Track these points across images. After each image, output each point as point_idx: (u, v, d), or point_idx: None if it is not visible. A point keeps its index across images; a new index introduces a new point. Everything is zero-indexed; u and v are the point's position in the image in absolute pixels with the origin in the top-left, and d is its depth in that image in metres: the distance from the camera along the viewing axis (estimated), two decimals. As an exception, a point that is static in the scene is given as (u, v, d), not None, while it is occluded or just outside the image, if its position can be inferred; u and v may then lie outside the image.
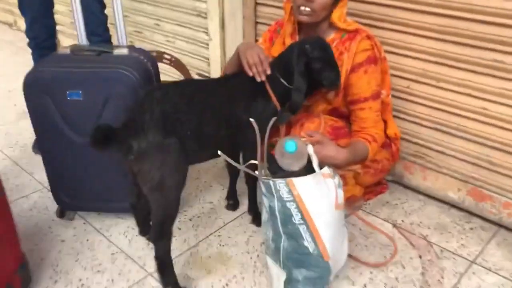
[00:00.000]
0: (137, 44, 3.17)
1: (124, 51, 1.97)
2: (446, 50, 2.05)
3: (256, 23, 2.80)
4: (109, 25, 2.71)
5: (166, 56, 2.51)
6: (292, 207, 1.62)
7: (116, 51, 1.96)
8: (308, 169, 1.66)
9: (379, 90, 1.97)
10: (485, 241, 2.08)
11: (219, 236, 2.12)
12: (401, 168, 2.42)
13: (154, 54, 2.53)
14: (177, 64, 2.52)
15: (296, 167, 1.58)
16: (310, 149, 1.67)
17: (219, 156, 1.93)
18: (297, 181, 1.61)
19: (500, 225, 2.15)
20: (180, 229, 2.16)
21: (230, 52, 3.00)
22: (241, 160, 1.97)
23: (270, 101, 1.87)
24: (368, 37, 1.93)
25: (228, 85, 1.86)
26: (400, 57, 2.21)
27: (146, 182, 1.66)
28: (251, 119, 1.55)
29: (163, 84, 1.75)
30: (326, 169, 1.68)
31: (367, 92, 1.93)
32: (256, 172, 1.66)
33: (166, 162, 1.64)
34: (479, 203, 2.18)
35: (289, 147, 1.51)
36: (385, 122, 2.12)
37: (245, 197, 2.21)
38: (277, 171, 1.66)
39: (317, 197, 1.62)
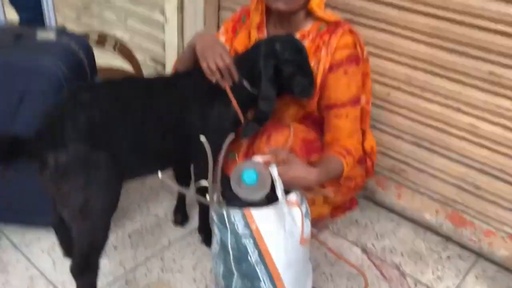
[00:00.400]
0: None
1: (51, 35, 1.59)
2: (436, 57, 1.78)
3: (219, 7, 2.45)
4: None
5: (110, 40, 2.12)
6: (248, 243, 1.33)
7: (40, 35, 1.58)
8: (270, 196, 1.36)
9: (359, 95, 1.68)
10: (463, 273, 1.86)
11: (161, 259, 1.80)
12: (374, 183, 2.16)
13: (95, 37, 2.14)
14: (123, 50, 2.14)
15: (255, 197, 1.28)
16: (274, 171, 1.37)
17: (166, 168, 1.62)
18: (256, 213, 1.31)
19: (479, 255, 1.93)
20: (115, 248, 1.83)
21: (189, 38, 2.65)
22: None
23: (230, 107, 1.55)
24: (351, 32, 1.64)
25: (179, 86, 1.53)
26: (382, 60, 1.93)
27: (66, 206, 1.32)
28: (202, 138, 1.23)
29: (94, 83, 1.39)
30: (292, 196, 1.40)
31: (345, 97, 1.64)
32: (208, 196, 1.35)
33: (92, 181, 1.31)
34: (458, 229, 1.95)
35: (248, 178, 1.21)
36: (362, 132, 1.84)
37: (196, 211, 1.89)
38: (232, 197, 1.35)
39: (280, 232, 1.34)
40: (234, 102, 1.54)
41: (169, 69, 2.78)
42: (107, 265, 1.73)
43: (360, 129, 1.81)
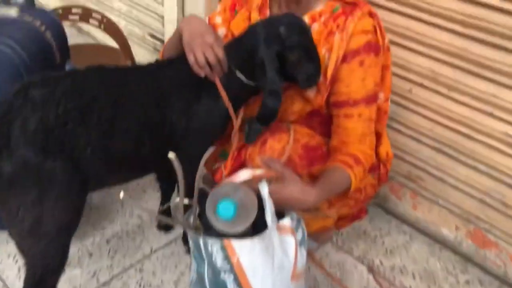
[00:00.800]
0: None
1: (12, 11, 1.34)
2: (468, 50, 1.50)
3: (222, -21, 2.16)
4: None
5: (95, 15, 1.87)
6: (228, 279, 1.11)
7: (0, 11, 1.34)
8: (259, 217, 1.13)
9: (376, 91, 1.41)
10: (483, 301, 1.62)
11: (140, 270, 1.59)
12: (387, 189, 1.91)
13: (79, 11, 1.88)
14: (109, 27, 1.88)
15: (235, 231, 1.05)
16: (265, 189, 1.13)
17: (143, 175, 1.39)
18: (238, 243, 1.09)
19: (504, 281, 1.69)
20: (91, 255, 1.63)
21: (189, 12, 2.38)
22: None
23: (220, 101, 1.31)
24: (371, 14, 1.36)
25: (158, 77, 1.28)
26: (404, 50, 1.65)
27: (13, 225, 1.10)
28: (171, 156, 0.99)
29: (50, 75, 1.15)
30: (286, 221, 1.16)
31: (359, 93, 1.37)
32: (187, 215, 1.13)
33: (45, 196, 1.09)
34: (480, 249, 1.71)
35: (224, 211, 0.97)
36: (378, 135, 1.58)
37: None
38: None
39: (267, 266, 1.11)
40: (224, 97, 1.29)
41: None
42: (78, 277, 1.53)
43: (375, 132, 1.55)
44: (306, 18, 1.39)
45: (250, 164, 1.41)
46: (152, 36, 2.68)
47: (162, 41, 2.62)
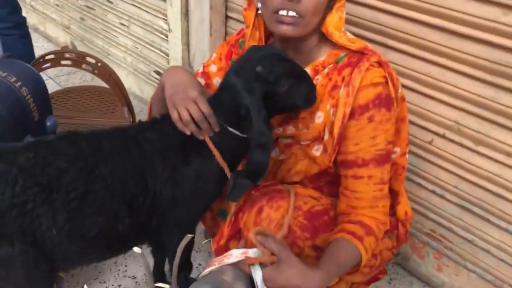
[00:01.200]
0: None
1: (-15, 66, 1.22)
2: (498, 101, 1.32)
3: (227, 17, 2.03)
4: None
5: (89, 59, 1.75)
6: None
7: (-28, 66, 1.22)
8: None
9: (389, 150, 1.22)
10: None
11: None
12: (407, 247, 1.71)
13: (72, 56, 1.77)
14: (103, 72, 1.76)
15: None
16: (258, 275, 0.97)
17: (124, 252, 1.24)
18: None
19: None
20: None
21: (194, 50, 2.26)
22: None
23: (212, 160, 1.15)
24: (380, 63, 1.18)
25: (140, 141, 1.13)
26: (424, 98, 1.48)
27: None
28: (136, 250, 0.84)
29: (10, 147, 1.01)
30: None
31: (369, 152, 1.20)
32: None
33: (4, 284, 0.94)
34: (516, 322, 1.49)
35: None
36: (395, 193, 1.40)
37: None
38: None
39: None
40: (218, 156, 1.14)
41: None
42: None
43: (392, 189, 1.37)
44: (308, 70, 1.23)
45: (245, 234, 1.24)
46: (158, 73, 2.56)
47: (167, 78, 2.50)
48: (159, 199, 1.12)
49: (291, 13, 1.12)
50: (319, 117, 1.23)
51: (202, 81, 1.40)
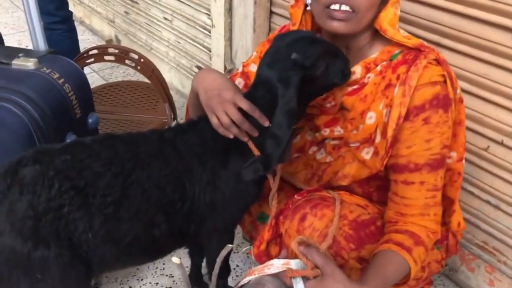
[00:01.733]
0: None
1: (30, 64, 1.22)
2: None
3: (271, 12, 1.98)
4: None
5: (132, 55, 1.74)
6: None
7: (17, 63, 1.22)
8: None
9: (444, 154, 1.14)
10: None
11: None
12: (457, 258, 1.62)
13: (115, 51, 1.76)
14: (146, 69, 1.75)
15: None
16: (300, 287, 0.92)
17: (161, 257, 1.22)
18: None
19: None
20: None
21: (237, 46, 2.22)
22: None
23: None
24: (439, 61, 1.10)
25: (177, 145, 1.10)
26: (480, 101, 1.38)
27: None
28: (175, 261, 0.81)
29: (48, 148, 1.00)
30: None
31: (422, 156, 1.12)
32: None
33: (40, 287, 0.93)
34: None
35: None
36: (449, 201, 1.31)
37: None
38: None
39: None
40: (254, 150, 1.10)
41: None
42: None
43: (447, 196, 1.29)
44: (359, 68, 1.17)
45: (286, 242, 1.20)
46: (199, 68, 2.54)
47: (209, 74, 2.47)
48: (198, 204, 1.09)
49: (344, 7, 1.06)
50: (371, 118, 1.16)
51: (241, 81, 1.36)
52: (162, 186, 1.04)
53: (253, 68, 1.34)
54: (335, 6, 1.06)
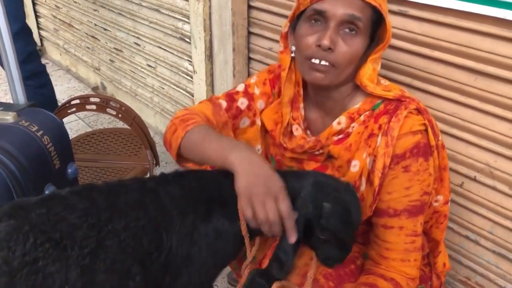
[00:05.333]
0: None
1: (8, 117, 1.24)
2: (531, 144, 1.24)
3: (249, 58, 2.04)
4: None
5: (113, 104, 1.77)
6: None
7: (-5, 117, 1.24)
8: None
9: (423, 201, 1.15)
10: None
11: None
12: (441, 295, 1.62)
13: (96, 100, 1.80)
14: (127, 117, 1.78)
15: None
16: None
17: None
18: None
19: None
20: None
21: (219, 90, 2.27)
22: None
23: (235, 223, 1.10)
24: (419, 110, 1.13)
25: (159, 194, 1.10)
26: (454, 140, 1.42)
27: None
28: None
29: (23, 202, 1.01)
30: None
31: (401, 202, 1.14)
32: None
33: None
34: None
35: None
36: (435, 243, 1.33)
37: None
38: None
39: None
40: (243, 224, 1.08)
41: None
42: None
43: (432, 238, 1.31)
44: (343, 118, 1.19)
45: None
46: (183, 113, 2.58)
47: (193, 118, 2.51)
48: (174, 256, 1.08)
49: (324, 62, 1.09)
50: (355, 166, 1.18)
51: (245, 101, 1.32)
52: (139, 236, 1.04)
53: (257, 91, 1.33)
54: (315, 60, 1.10)
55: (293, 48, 1.19)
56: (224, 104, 1.31)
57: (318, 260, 1.12)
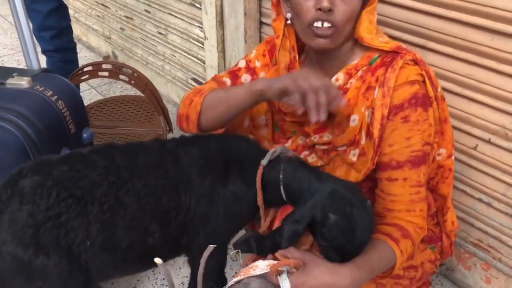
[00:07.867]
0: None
1: (23, 82, 1.25)
2: (547, 104, 1.23)
3: (261, 23, 2.02)
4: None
5: (125, 70, 1.77)
6: None
7: (12, 82, 1.25)
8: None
9: (426, 151, 1.16)
10: None
11: None
12: (453, 257, 1.63)
13: (109, 67, 1.80)
14: (140, 83, 1.78)
15: None
16: (286, 283, 0.95)
17: (153, 267, 1.23)
18: None
19: None
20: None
21: (230, 57, 2.26)
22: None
23: (252, 188, 1.13)
24: (415, 61, 1.13)
25: (178, 155, 1.12)
26: (468, 101, 1.40)
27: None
28: (157, 261, 0.85)
29: (46, 160, 1.03)
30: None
31: (403, 154, 1.15)
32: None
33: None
34: None
35: None
36: (442, 199, 1.33)
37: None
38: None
39: None
40: (259, 185, 1.11)
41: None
42: None
43: (439, 194, 1.31)
44: (341, 74, 1.20)
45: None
46: (195, 80, 2.58)
47: (204, 85, 2.51)
48: (192, 216, 1.11)
49: (326, 24, 1.10)
50: (354, 120, 1.19)
51: (248, 77, 1.34)
52: (158, 195, 1.06)
53: (258, 64, 1.34)
54: (318, 24, 1.10)
55: (288, 15, 1.19)
56: (228, 81, 1.33)
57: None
